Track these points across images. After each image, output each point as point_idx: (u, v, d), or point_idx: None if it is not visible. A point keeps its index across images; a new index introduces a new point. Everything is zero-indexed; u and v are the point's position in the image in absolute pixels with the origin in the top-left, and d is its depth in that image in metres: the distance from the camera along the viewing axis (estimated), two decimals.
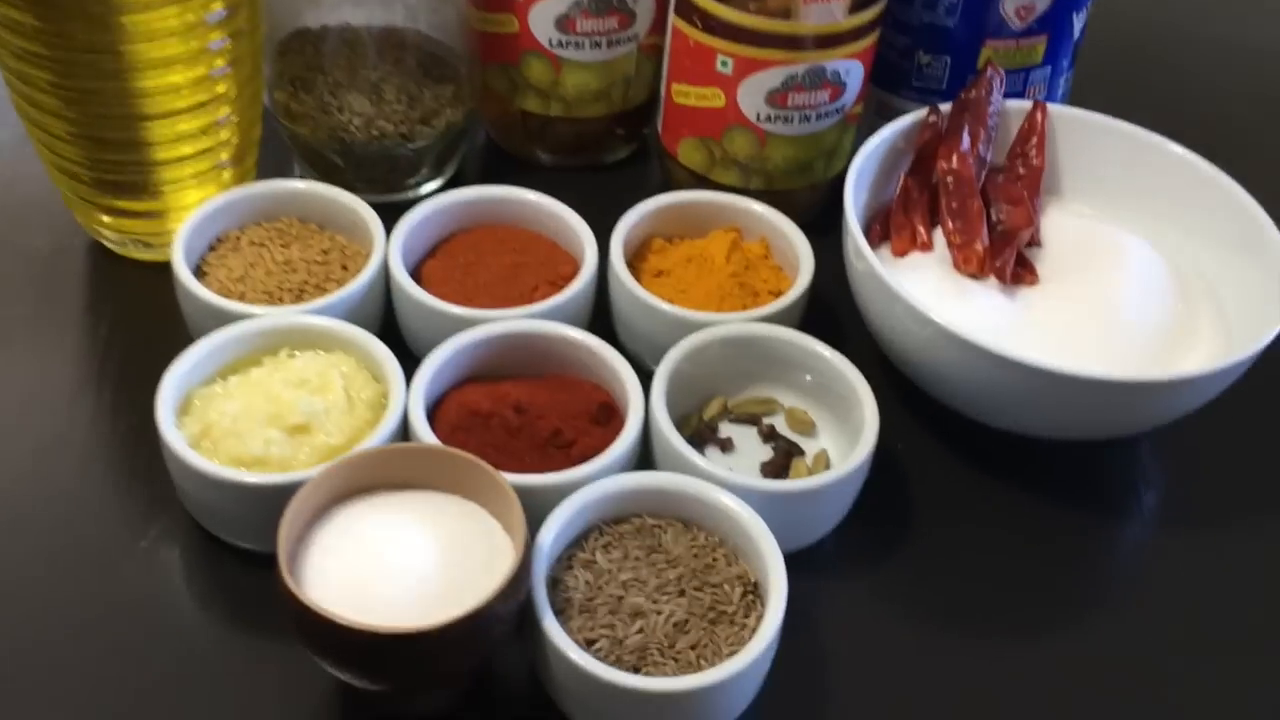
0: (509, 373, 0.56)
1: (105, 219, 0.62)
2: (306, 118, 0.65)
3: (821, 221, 0.66)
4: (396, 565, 0.44)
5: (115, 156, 0.58)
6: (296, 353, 0.54)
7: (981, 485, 0.58)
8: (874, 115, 0.69)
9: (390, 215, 0.61)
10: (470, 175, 0.72)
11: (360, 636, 0.41)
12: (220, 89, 0.58)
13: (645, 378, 0.54)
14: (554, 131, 0.71)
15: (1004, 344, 0.52)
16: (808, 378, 0.57)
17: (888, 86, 0.68)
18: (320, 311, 0.55)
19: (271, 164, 0.68)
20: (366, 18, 0.65)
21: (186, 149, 0.58)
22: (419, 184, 0.68)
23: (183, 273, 0.56)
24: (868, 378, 0.55)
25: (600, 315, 0.61)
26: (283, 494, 0.46)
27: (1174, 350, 0.56)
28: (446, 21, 0.67)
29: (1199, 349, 0.56)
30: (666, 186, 0.70)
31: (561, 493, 0.49)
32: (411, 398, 0.52)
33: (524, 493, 0.47)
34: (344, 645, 0.42)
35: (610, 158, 0.73)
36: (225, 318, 0.55)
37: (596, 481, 0.49)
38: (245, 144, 0.62)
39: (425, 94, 0.66)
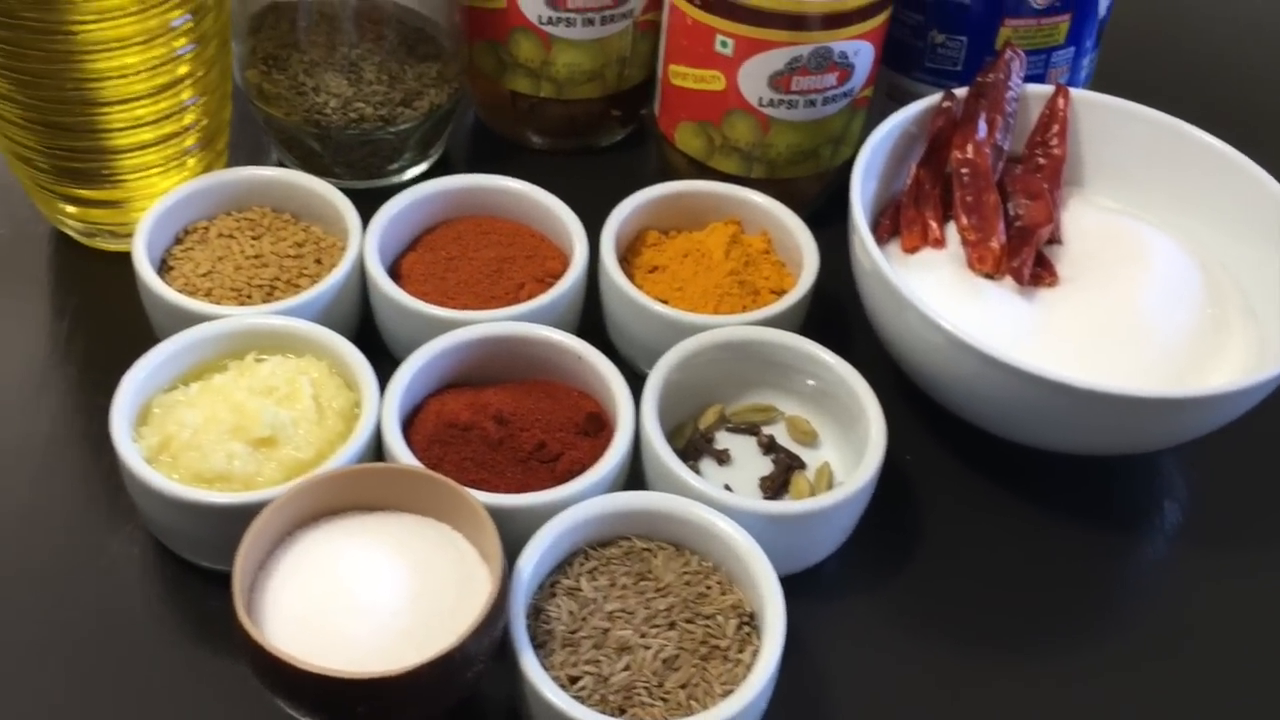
0: (491, 378, 0.52)
1: (68, 209, 0.58)
2: (280, 99, 0.61)
3: (827, 211, 0.62)
4: (363, 599, 0.41)
5: (71, 143, 0.54)
6: (264, 356, 0.51)
7: (994, 499, 0.54)
8: (884, 98, 0.65)
9: (371, 202, 0.57)
10: (457, 157, 0.68)
11: (320, 681, 0.38)
12: (183, 70, 0.54)
13: (638, 382, 0.51)
14: (545, 113, 0.67)
15: (1021, 353, 0.49)
16: (810, 383, 0.53)
17: (899, 67, 0.64)
18: (289, 312, 0.51)
19: (245, 147, 0.65)
20: None
21: (147, 134, 0.54)
22: (402, 169, 0.65)
23: (144, 269, 0.53)
24: (873, 381, 0.51)
25: (590, 314, 0.58)
26: (245, 514, 0.43)
27: (1204, 359, 0.52)
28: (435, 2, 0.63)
29: (1230, 357, 0.53)
30: (664, 172, 0.66)
31: (544, 514, 0.45)
32: (385, 408, 0.48)
33: (504, 515, 0.44)
34: (302, 689, 0.38)
35: (605, 140, 0.69)
36: (189, 318, 0.51)
37: (582, 503, 0.46)
38: (213, 128, 0.59)
39: (407, 73, 0.62)
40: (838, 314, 0.59)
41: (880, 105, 0.65)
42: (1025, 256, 0.54)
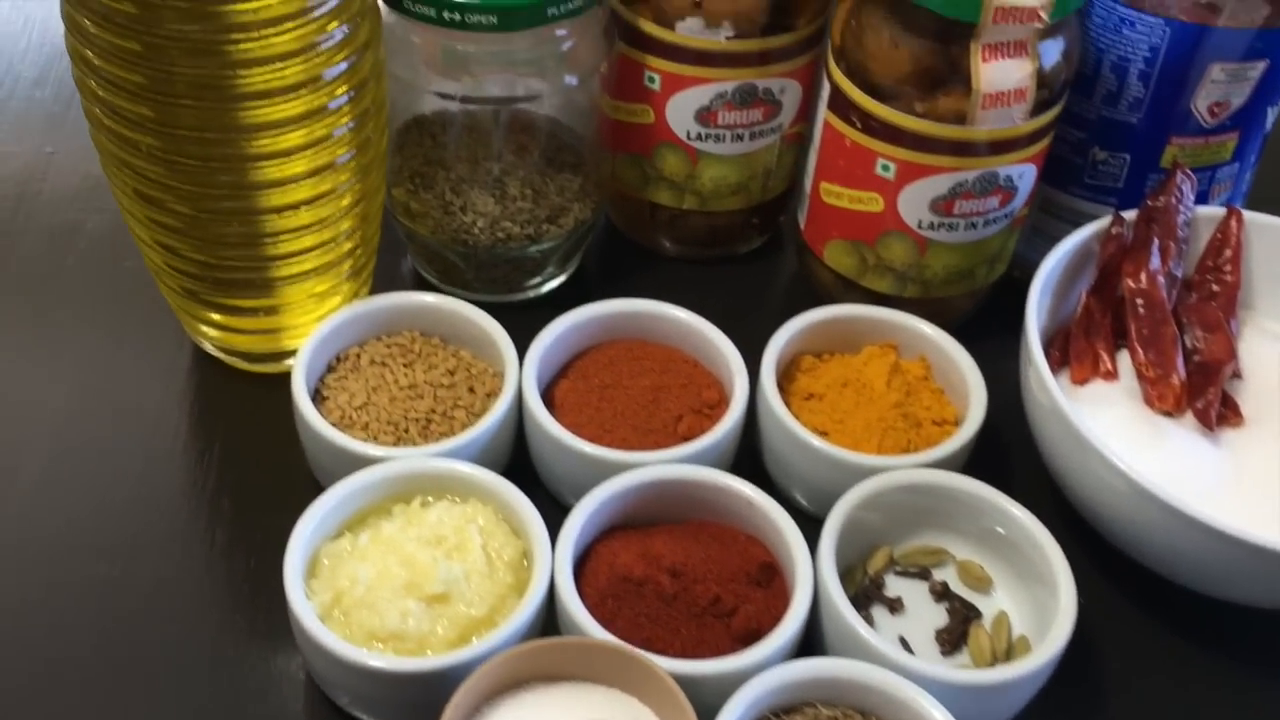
0: (656, 518, 0.51)
1: (211, 331, 0.57)
2: (426, 217, 0.60)
3: (977, 326, 0.61)
4: None
5: (230, 253, 0.52)
6: (430, 500, 0.49)
7: (1179, 652, 0.52)
8: (1038, 211, 0.64)
9: (509, 316, 0.56)
10: (592, 265, 0.67)
11: None
12: (343, 177, 0.52)
13: (796, 514, 0.50)
14: (686, 224, 0.65)
15: (1215, 507, 0.47)
16: (999, 530, 0.51)
17: (1056, 182, 0.62)
18: (452, 452, 0.50)
19: (383, 257, 0.64)
20: (523, 91, 0.58)
21: (308, 240, 0.53)
22: (542, 283, 0.64)
23: (305, 406, 0.52)
24: (1041, 515, 0.49)
25: (746, 441, 0.56)
26: (420, 680, 0.41)
27: None
28: (574, 104, 0.62)
29: None
30: (805, 281, 0.65)
31: (730, 681, 0.44)
32: (558, 562, 0.47)
33: (690, 682, 0.42)
34: None
35: (743, 248, 0.68)
36: (351, 459, 0.50)
37: (769, 670, 0.44)
38: (368, 246, 0.58)
39: (550, 186, 0.61)
40: (997, 441, 0.57)
41: (1034, 219, 0.64)
42: (1211, 397, 0.52)
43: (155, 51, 0.46)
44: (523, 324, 0.57)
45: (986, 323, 0.62)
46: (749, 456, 0.56)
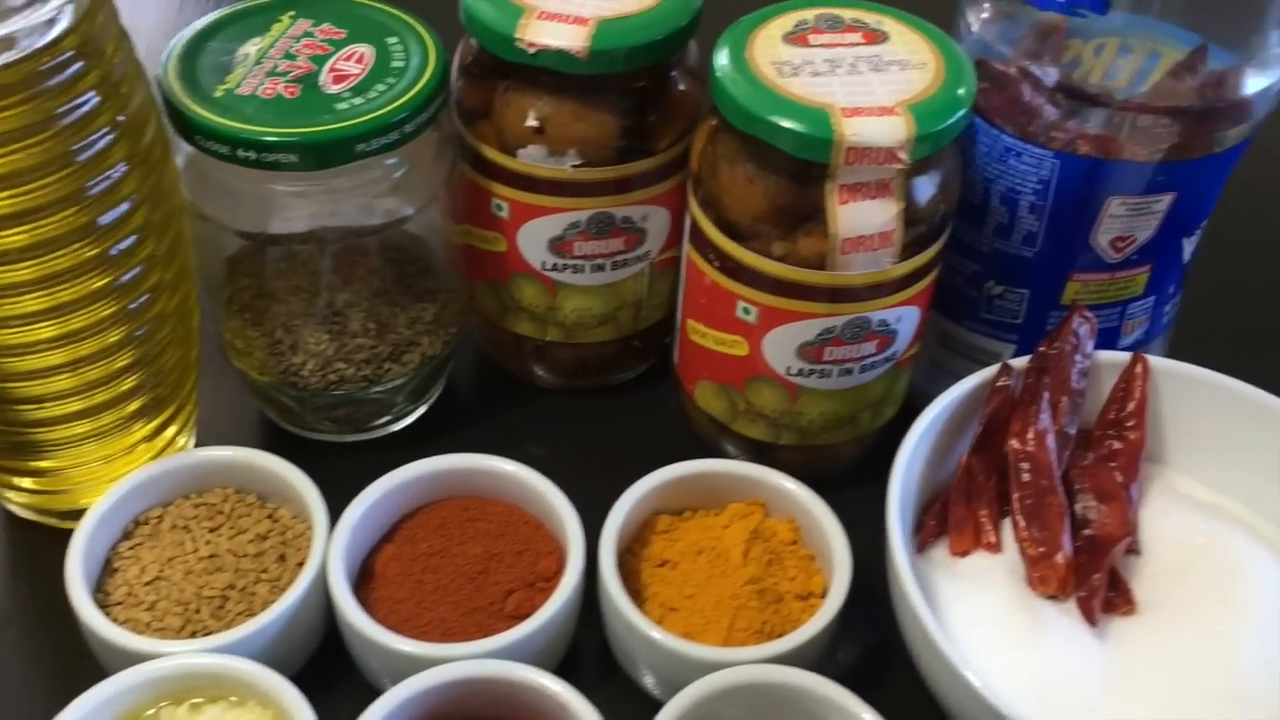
0: (473, 711, 0.45)
1: (10, 494, 0.52)
2: (252, 356, 0.55)
3: (868, 472, 0.54)
4: None
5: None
6: (201, 701, 0.44)
7: None
8: (935, 344, 0.58)
9: (358, 456, 0.51)
10: (460, 394, 0.62)
11: None
12: (114, 338, 0.47)
13: (645, 700, 0.44)
14: (553, 355, 0.60)
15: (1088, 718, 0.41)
16: None
17: (952, 315, 0.56)
18: (235, 647, 0.45)
19: (230, 395, 0.59)
20: (350, 224, 0.53)
21: (75, 405, 0.47)
22: (392, 421, 0.58)
23: (74, 588, 0.46)
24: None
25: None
26: None
27: None
28: (430, 227, 0.57)
29: None
30: (684, 419, 0.59)
31: None
32: None
33: None
34: None
35: (623, 378, 0.62)
36: (116, 652, 0.45)
37: None
38: (179, 398, 0.52)
39: (400, 319, 0.55)
40: (875, 612, 0.51)
41: (930, 352, 0.58)
42: (1097, 583, 0.46)
43: None
44: (372, 465, 0.51)
45: (881, 468, 0.56)
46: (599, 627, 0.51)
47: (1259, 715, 0.43)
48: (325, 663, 0.49)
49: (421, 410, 0.60)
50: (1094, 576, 0.46)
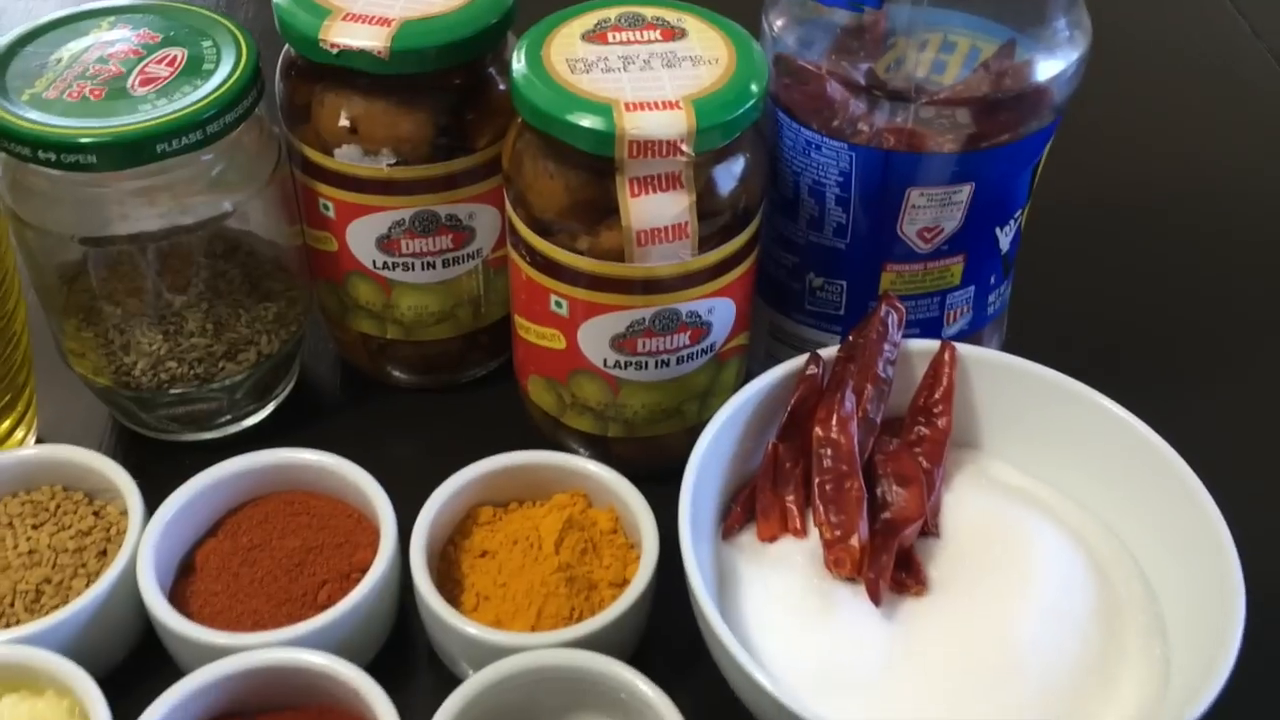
0: (268, 704, 0.46)
1: None
2: (86, 358, 0.56)
3: None
4: None
5: None
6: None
7: None
8: (768, 337, 0.59)
9: (204, 456, 0.52)
10: (314, 393, 0.63)
11: None
12: None
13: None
14: (397, 353, 0.61)
15: (867, 699, 0.42)
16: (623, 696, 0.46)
17: (780, 308, 0.57)
18: (36, 638, 0.46)
19: (75, 395, 0.60)
20: (170, 224, 0.53)
21: None
22: (235, 420, 0.59)
23: None
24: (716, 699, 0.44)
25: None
26: None
27: (1089, 699, 0.44)
28: (276, 229, 0.58)
29: (1122, 695, 0.44)
30: (527, 417, 0.60)
31: None
32: None
33: None
34: None
35: (472, 375, 0.63)
36: None
37: None
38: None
39: (240, 318, 0.56)
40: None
41: (765, 345, 0.59)
42: (884, 564, 0.47)
43: None
44: (215, 463, 0.52)
45: None
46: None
47: (1031, 692, 0.44)
48: (138, 656, 0.50)
49: (270, 409, 0.61)
50: (882, 558, 0.47)
